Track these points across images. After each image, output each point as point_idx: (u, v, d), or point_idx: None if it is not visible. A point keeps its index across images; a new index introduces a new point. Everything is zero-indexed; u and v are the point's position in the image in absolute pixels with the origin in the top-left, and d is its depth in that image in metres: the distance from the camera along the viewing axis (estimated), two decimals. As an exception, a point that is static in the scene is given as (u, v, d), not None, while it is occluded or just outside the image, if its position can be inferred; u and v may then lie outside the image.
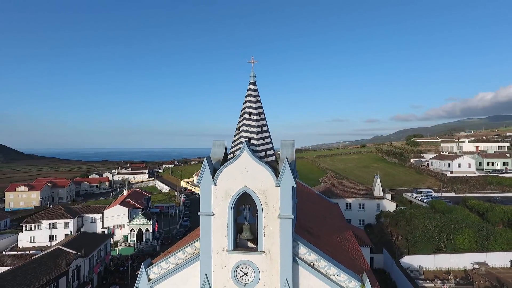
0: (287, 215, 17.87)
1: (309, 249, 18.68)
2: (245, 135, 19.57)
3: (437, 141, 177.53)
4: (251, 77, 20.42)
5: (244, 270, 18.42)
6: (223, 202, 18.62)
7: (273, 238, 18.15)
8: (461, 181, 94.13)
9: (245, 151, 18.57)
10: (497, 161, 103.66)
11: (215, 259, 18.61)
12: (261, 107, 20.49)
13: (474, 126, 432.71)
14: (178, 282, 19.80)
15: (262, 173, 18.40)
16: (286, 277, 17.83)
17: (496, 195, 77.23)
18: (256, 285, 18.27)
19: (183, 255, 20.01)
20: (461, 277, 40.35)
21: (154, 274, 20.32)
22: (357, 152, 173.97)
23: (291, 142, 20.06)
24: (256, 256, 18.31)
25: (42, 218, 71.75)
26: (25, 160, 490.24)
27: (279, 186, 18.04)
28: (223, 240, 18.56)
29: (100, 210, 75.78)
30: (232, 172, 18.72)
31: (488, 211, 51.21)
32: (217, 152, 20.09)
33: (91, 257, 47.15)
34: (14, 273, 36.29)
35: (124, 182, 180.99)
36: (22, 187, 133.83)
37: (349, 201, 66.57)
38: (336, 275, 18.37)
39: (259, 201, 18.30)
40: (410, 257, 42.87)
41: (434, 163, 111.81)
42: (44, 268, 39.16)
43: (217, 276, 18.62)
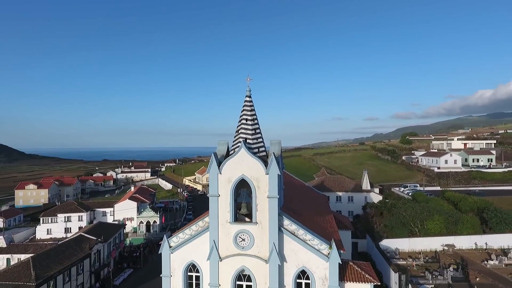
0: (273, 195, 24.14)
1: (291, 221, 24.97)
2: (242, 136, 25.88)
3: (430, 139, 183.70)
4: (247, 91, 26.71)
5: (242, 236, 24.74)
6: (226, 186, 24.90)
7: (263, 212, 24.43)
8: (447, 176, 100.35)
9: (242, 149, 24.84)
10: (482, 157, 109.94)
11: (221, 229, 24.90)
12: (255, 114, 26.77)
13: (474, 124, 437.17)
14: (192, 248, 26.11)
15: (255, 164, 24.68)
16: (273, 241, 24.13)
17: (475, 188, 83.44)
18: (251, 247, 24.60)
19: (196, 228, 26.31)
20: (431, 256, 46.63)
21: (173, 242, 26.61)
22: (352, 150, 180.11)
23: (278, 141, 26.30)
24: (251, 226, 24.61)
25: (57, 212, 77.98)
26: (27, 160, 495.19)
27: (268, 174, 24.31)
28: (226, 215, 24.86)
29: (110, 205, 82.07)
30: (232, 164, 25.01)
31: (461, 201, 57.46)
32: (221, 149, 26.37)
33: (108, 243, 53.49)
34: (48, 254, 42.57)
35: (127, 180, 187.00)
36: (31, 185, 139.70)
37: (340, 194, 72.77)
38: (311, 240, 24.67)
39: (253, 185, 24.57)
40: (388, 241, 49.16)
41: (424, 159, 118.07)
42: (71, 250, 45.46)
43: (222, 241, 24.93)
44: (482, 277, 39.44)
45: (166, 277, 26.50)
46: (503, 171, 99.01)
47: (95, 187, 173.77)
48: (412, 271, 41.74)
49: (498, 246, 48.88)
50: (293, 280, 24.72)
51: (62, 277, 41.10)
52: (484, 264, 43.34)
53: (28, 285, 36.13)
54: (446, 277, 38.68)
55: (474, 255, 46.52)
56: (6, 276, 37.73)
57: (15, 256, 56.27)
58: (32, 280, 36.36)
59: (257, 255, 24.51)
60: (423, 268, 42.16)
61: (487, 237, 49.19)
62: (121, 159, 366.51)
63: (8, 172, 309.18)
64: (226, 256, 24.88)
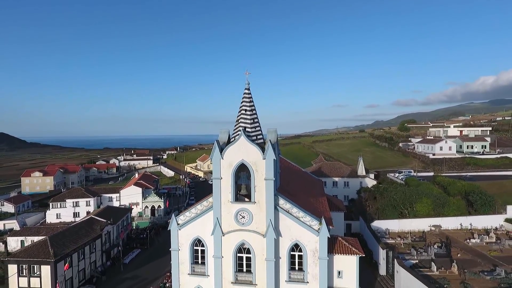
0: (270, 178, 27.13)
1: (286, 201, 28.05)
2: (242, 125, 28.70)
3: (428, 126, 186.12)
4: (246, 84, 29.36)
5: (242, 214, 27.88)
6: (227, 170, 27.87)
7: (261, 193, 27.46)
8: (441, 163, 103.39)
9: (242, 137, 27.70)
10: (476, 144, 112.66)
11: (223, 207, 28.01)
12: (253, 105, 29.51)
13: (475, 111, 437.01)
14: (197, 225, 29.32)
15: (253, 151, 27.58)
16: (270, 218, 27.26)
17: (467, 174, 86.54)
18: (250, 224, 27.76)
19: (201, 207, 29.46)
20: (419, 236, 50.07)
21: (181, 220, 29.80)
22: (351, 137, 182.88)
23: (274, 129, 29.13)
24: (250, 205, 27.70)
25: (66, 197, 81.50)
26: (28, 148, 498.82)
27: (265, 159, 27.22)
28: (228, 195, 27.93)
29: (116, 191, 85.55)
30: (233, 150, 27.92)
31: (450, 185, 60.59)
32: (223, 137, 29.25)
33: (117, 225, 57.01)
34: (63, 234, 46.04)
35: (130, 168, 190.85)
36: (36, 173, 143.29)
37: (336, 179, 76.01)
38: (303, 217, 27.81)
39: (252, 169, 27.54)
40: (379, 222, 52.54)
41: (420, 146, 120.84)
42: (83, 231, 48.94)
43: (225, 219, 28.08)
44: (463, 254, 42.92)
45: (175, 250, 29.83)
46: (495, 157, 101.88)
47: (98, 175, 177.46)
48: (400, 249, 45.24)
49: (482, 227, 52.26)
50: (287, 252, 28.00)
51: (77, 255, 44.69)
52: (466, 242, 46.79)
53: (47, 261, 39.64)
54: (430, 254, 42.12)
55: (459, 235, 49.94)
56: (26, 253, 41.24)
57: (29, 238, 59.90)
58: (51, 257, 39.84)
59: (256, 230, 27.70)
60: (410, 246, 45.60)
61: (471, 218, 52.54)
62: (122, 147, 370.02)
63: (11, 160, 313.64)
64: (228, 231, 28.10)
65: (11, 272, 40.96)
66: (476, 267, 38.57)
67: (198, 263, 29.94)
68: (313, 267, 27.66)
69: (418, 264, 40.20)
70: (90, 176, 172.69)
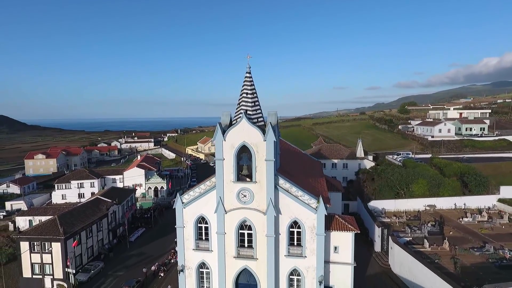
0: (270, 159, 28.32)
1: (285, 181, 29.37)
2: (243, 108, 29.65)
3: (428, 108, 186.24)
4: (247, 68, 30.09)
5: (244, 193, 29.27)
6: (230, 151, 29.04)
7: (262, 173, 28.73)
8: (440, 145, 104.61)
9: (243, 119, 28.71)
10: (475, 126, 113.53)
11: (226, 187, 29.37)
12: (254, 88, 30.34)
13: (477, 93, 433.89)
14: (201, 203, 30.78)
15: (254, 132, 28.64)
16: (270, 197, 28.66)
17: (464, 155, 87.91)
18: (251, 202, 29.21)
19: (204, 187, 30.82)
20: (414, 215, 51.88)
21: (185, 199, 31.23)
22: (351, 120, 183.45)
23: (274, 112, 30.09)
24: (251, 184, 29.04)
25: (70, 179, 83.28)
26: (29, 131, 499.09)
27: (265, 141, 28.33)
28: (230, 175, 29.23)
29: (120, 172, 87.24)
30: (235, 132, 28.99)
31: (446, 167, 62.02)
32: (225, 119, 30.26)
33: (122, 205, 58.86)
34: (71, 213, 47.83)
35: (132, 150, 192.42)
36: (39, 155, 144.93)
37: (335, 161, 77.44)
38: (302, 196, 29.20)
39: (253, 150, 28.70)
40: (375, 202, 54.27)
41: (419, 128, 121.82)
42: (90, 211, 50.73)
43: (227, 197, 29.50)
44: (455, 232, 44.79)
45: (180, 227, 31.44)
46: (493, 139, 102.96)
47: (100, 157, 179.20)
48: (395, 227, 47.12)
49: (475, 206, 54.06)
50: (286, 228, 29.59)
51: (85, 233, 46.61)
52: (459, 221, 48.63)
53: (57, 238, 41.50)
54: (423, 232, 43.95)
55: (452, 214, 51.78)
56: (37, 231, 43.08)
57: (36, 218, 61.98)
58: (61, 234, 41.68)
59: (257, 208, 29.17)
60: (404, 225, 47.45)
61: (465, 198, 54.26)
62: (123, 130, 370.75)
63: (12, 143, 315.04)
64: (230, 209, 29.58)
65: (23, 249, 42.90)
66: (466, 244, 40.43)
67: (202, 239, 31.62)
68: (311, 243, 29.30)
69: (411, 241, 42.05)
70: (92, 158, 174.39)
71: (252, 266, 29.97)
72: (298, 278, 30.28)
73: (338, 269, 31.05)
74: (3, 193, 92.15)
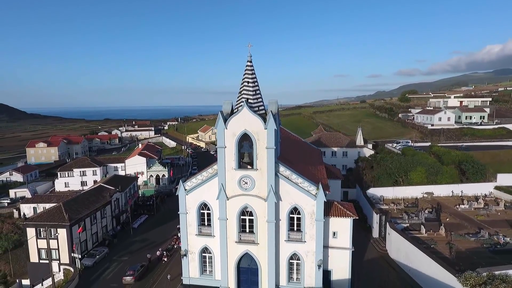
0: (271, 147, 28.92)
1: (285, 168, 30.04)
2: (244, 96, 30.07)
3: (429, 97, 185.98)
4: (248, 57, 30.37)
5: (245, 180, 29.99)
6: (231, 139, 29.62)
7: (263, 161, 29.37)
8: (439, 133, 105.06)
9: (245, 108, 29.17)
10: (475, 114, 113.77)
11: (227, 174, 30.06)
12: (255, 77, 30.69)
13: (479, 81, 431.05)
14: (203, 190, 31.55)
15: (255, 121, 29.14)
16: (271, 184, 29.38)
17: (462, 144, 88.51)
18: (253, 189, 29.95)
19: (206, 174, 31.54)
20: (412, 202, 52.83)
21: (188, 186, 31.99)
22: (352, 108, 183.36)
23: (275, 101, 30.52)
24: (252, 171, 29.72)
25: (73, 167, 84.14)
26: (29, 119, 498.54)
27: (266, 129, 28.86)
28: (232, 163, 29.88)
29: (121, 160, 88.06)
30: (236, 120, 29.50)
31: (444, 155, 62.65)
32: (226, 108, 30.71)
33: (125, 193, 59.84)
34: (75, 200, 48.78)
35: (132, 139, 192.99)
36: (41, 144, 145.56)
37: (335, 149, 78.05)
38: (302, 183, 29.91)
39: (254, 138, 29.27)
40: (374, 189, 55.13)
41: (419, 117, 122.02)
42: (94, 198, 51.68)
43: (229, 184, 30.22)
44: (452, 218, 45.75)
45: (183, 214, 32.30)
46: (493, 128, 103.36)
47: (101, 145, 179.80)
48: (393, 214, 48.10)
49: (472, 194, 54.96)
50: (287, 214, 30.43)
51: (89, 220, 47.66)
52: (456, 208, 49.59)
53: (63, 225, 42.51)
54: (420, 218, 44.93)
55: (450, 201, 52.71)
56: (43, 218, 44.08)
57: (41, 205, 63.18)
58: (66, 221, 42.68)
59: (258, 195, 29.93)
60: (402, 212, 48.39)
61: (463, 186, 55.11)
62: (123, 118, 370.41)
63: (12, 131, 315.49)
64: (232, 196, 30.35)
65: (30, 235, 44.00)
66: (462, 230, 41.43)
67: (205, 225, 32.52)
68: (310, 228, 30.17)
69: (409, 228, 43.05)
70: (93, 146, 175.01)
71: (253, 250, 30.94)
72: (297, 262, 31.29)
73: (337, 253, 32.01)
74: (6, 181, 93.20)
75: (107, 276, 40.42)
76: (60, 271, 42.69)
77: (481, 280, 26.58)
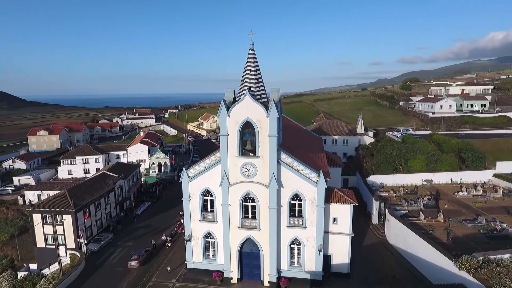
0: (273, 134, 29.31)
1: (287, 155, 30.51)
2: (247, 84, 30.28)
3: (430, 85, 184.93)
4: (251, 45, 30.41)
5: (248, 167, 30.51)
6: (234, 127, 29.99)
7: (265, 148, 29.82)
8: (440, 121, 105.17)
9: (247, 96, 29.42)
10: (476, 102, 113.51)
11: (230, 161, 30.56)
12: (257, 65, 30.84)
13: (481, 68, 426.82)
14: (206, 177, 32.13)
15: (258, 109, 29.45)
16: (273, 171, 29.90)
17: (463, 132, 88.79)
18: (255, 176, 30.50)
19: (209, 161, 32.04)
20: (411, 190, 53.53)
21: (191, 173, 32.55)
22: (353, 96, 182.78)
23: (277, 89, 30.75)
24: (254, 159, 30.22)
25: (75, 154, 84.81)
26: (29, 107, 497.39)
27: (268, 117, 29.19)
28: (234, 150, 30.34)
29: (123, 148, 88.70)
30: (239, 108, 29.80)
31: (444, 143, 63.08)
32: (228, 96, 30.95)
33: (128, 180, 60.60)
34: (79, 187, 49.52)
35: (133, 127, 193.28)
36: (42, 131, 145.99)
37: (335, 137, 78.40)
38: (303, 170, 30.44)
39: (256, 126, 29.64)
40: (374, 177, 55.77)
41: (420, 105, 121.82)
42: (98, 185, 52.44)
43: (231, 171, 30.77)
44: (450, 205, 46.49)
45: (186, 200, 32.96)
46: (494, 116, 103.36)
47: (102, 133, 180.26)
48: (392, 201, 48.85)
49: (471, 181, 55.57)
50: (288, 201, 31.07)
51: (94, 206, 48.51)
52: (454, 195, 50.29)
53: (68, 211, 43.34)
54: (419, 205, 45.68)
55: (448, 188, 53.39)
56: (48, 204, 44.89)
57: (45, 192, 64.10)
58: (71, 207, 43.49)
59: (260, 182, 30.50)
60: (401, 199, 49.12)
61: (462, 173, 55.70)
62: (123, 106, 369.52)
63: (13, 119, 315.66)
64: (234, 183, 30.93)
65: (36, 221, 44.90)
66: (460, 216, 42.19)
67: (208, 211, 33.23)
68: (311, 214, 30.85)
69: (407, 214, 43.84)
70: (94, 134, 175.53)
71: (255, 235, 31.73)
72: (298, 247, 32.11)
73: (337, 239, 32.80)
74: (10, 169, 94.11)
75: (112, 260, 41.49)
76: (66, 256, 43.77)
77: (476, 264, 27.38)
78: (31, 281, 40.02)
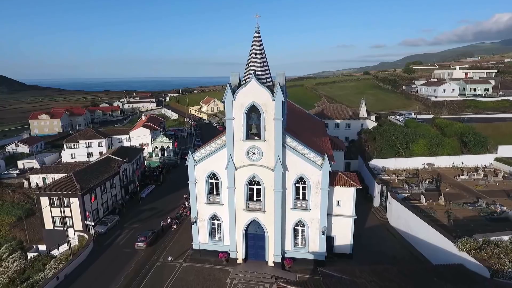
0: (279, 118, 29.50)
1: (292, 139, 30.80)
2: (252, 68, 30.22)
3: (434, 68, 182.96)
4: (256, 27, 30.15)
5: (253, 151, 30.87)
6: (239, 110, 30.14)
7: (270, 132, 30.07)
8: (443, 105, 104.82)
9: (253, 79, 29.43)
10: (479, 86, 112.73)
11: (236, 145, 30.88)
12: (263, 49, 30.65)
13: (485, 51, 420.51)
14: (212, 161, 32.56)
15: (263, 93, 29.51)
16: (278, 154, 30.27)
17: (465, 116, 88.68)
18: (260, 159, 30.90)
19: (215, 145, 32.36)
20: (413, 173, 54.05)
21: (197, 157, 32.94)
22: (355, 80, 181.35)
23: (283, 72, 30.70)
24: (260, 142, 30.53)
25: (78, 138, 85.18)
26: (28, 91, 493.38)
27: (274, 101, 29.29)
28: (240, 134, 30.61)
29: (126, 132, 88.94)
30: (244, 92, 29.86)
31: (447, 127, 63.23)
32: (234, 79, 30.94)
33: (132, 164, 61.18)
34: (85, 171, 50.12)
35: (134, 110, 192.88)
36: (43, 115, 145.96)
37: (338, 121, 78.46)
38: (308, 154, 30.80)
39: (262, 110, 29.78)
40: (376, 160, 56.23)
41: (423, 89, 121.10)
42: (103, 168, 53.01)
43: (237, 155, 31.14)
44: (451, 188, 47.10)
45: (192, 183, 33.50)
46: (496, 100, 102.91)
47: (103, 117, 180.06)
48: (394, 184, 49.42)
49: (473, 165, 56.01)
50: (293, 184, 31.58)
51: (100, 189, 49.22)
52: (456, 178, 50.85)
53: (75, 194, 44.06)
54: (420, 188, 46.30)
55: (450, 172, 53.89)
56: (55, 187, 45.58)
57: (49, 176, 64.84)
58: (78, 190, 44.18)
59: (265, 165, 30.92)
60: (403, 182, 49.69)
61: (463, 157, 56.08)
62: (123, 90, 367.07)
63: (13, 103, 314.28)
64: (240, 166, 31.36)
65: (44, 204, 45.71)
66: (461, 199, 42.82)
67: (213, 193, 33.83)
68: (315, 197, 31.43)
69: (409, 197, 44.48)
70: (96, 118, 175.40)
71: (260, 218, 32.43)
72: (302, 228, 32.86)
73: (340, 221, 33.51)
74: (13, 153, 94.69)
75: (120, 242, 42.52)
76: (75, 238, 44.81)
77: (476, 245, 28.11)
78: (41, 262, 41.22)
